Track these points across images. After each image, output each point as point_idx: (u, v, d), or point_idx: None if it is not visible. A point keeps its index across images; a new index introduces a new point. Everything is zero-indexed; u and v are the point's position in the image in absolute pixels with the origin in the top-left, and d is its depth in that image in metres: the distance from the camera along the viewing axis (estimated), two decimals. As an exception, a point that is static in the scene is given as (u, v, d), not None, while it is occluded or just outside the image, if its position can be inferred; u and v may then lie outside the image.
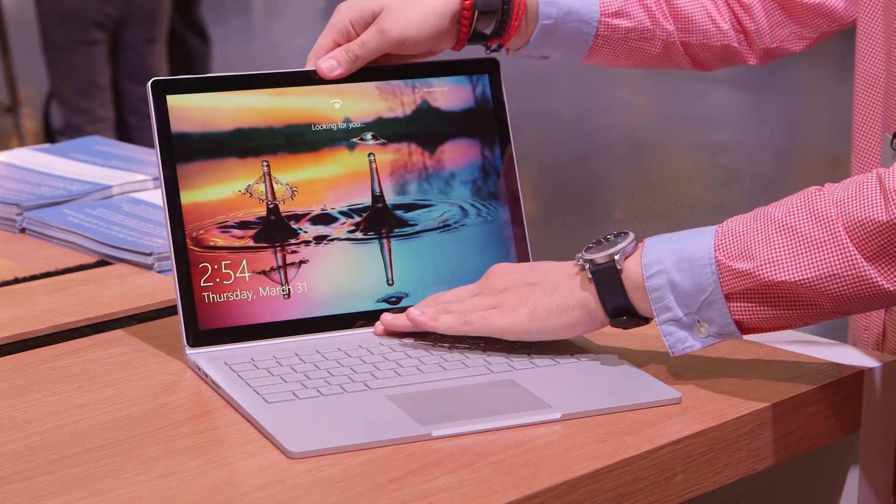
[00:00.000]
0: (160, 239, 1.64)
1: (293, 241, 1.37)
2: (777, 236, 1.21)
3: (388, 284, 1.39)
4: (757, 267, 1.21)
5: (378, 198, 1.41)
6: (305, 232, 1.38)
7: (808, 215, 1.20)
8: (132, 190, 1.84)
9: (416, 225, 1.41)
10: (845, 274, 1.19)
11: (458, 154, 1.44)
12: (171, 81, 1.35)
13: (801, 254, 1.20)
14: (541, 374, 1.29)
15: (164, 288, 1.54)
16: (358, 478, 1.11)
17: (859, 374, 1.32)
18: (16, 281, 1.58)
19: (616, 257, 1.26)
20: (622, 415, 1.22)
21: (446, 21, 1.41)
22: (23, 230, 1.76)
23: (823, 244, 1.19)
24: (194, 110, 1.36)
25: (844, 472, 1.34)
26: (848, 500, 1.34)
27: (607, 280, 1.26)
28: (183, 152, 1.35)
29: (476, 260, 1.42)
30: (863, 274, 1.18)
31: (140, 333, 1.41)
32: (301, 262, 1.37)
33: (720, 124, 6.90)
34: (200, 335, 1.33)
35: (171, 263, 1.33)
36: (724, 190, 5.71)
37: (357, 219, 1.39)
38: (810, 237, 1.19)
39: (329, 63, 1.39)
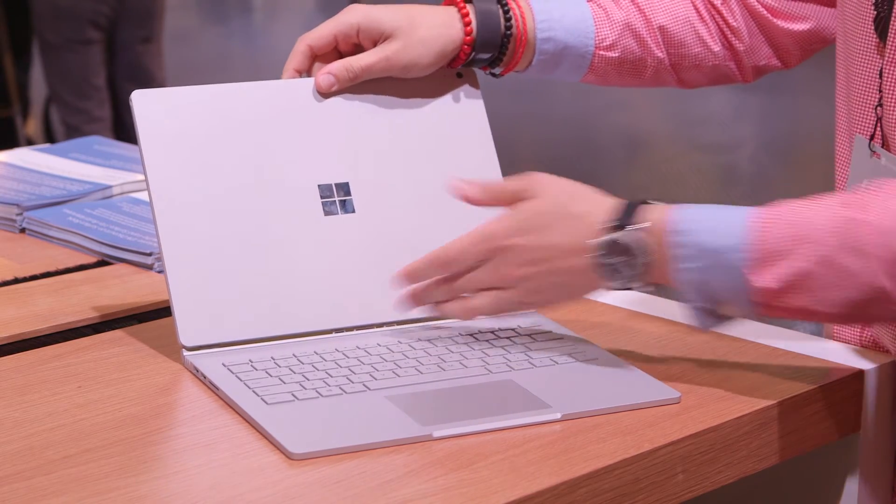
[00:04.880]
0: (160, 239, 1.64)
1: None
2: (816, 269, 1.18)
3: None
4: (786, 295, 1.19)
5: None
6: None
7: (849, 250, 1.16)
8: (132, 190, 1.84)
9: None
10: (872, 305, 1.18)
11: None
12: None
13: (833, 288, 1.18)
14: (540, 374, 1.29)
15: (163, 288, 1.53)
16: (358, 478, 1.11)
17: (859, 374, 1.32)
18: (16, 281, 1.58)
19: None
20: (622, 415, 1.22)
21: (446, 58, 1.45)
22: (23, 230, 1.76)
23: (857, 275, 1.17)
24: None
25: (844, 472, 1.34)
26: (848, 500, 1.34)
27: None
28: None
29: None
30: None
31: (140, 333, 1.41)
32: None
33: (720, 124, 6.89)
34: None
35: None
36: (724, 190, 5.71)
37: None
38: (847, 269, 1.17)
39: (328, 79, 1.42)
